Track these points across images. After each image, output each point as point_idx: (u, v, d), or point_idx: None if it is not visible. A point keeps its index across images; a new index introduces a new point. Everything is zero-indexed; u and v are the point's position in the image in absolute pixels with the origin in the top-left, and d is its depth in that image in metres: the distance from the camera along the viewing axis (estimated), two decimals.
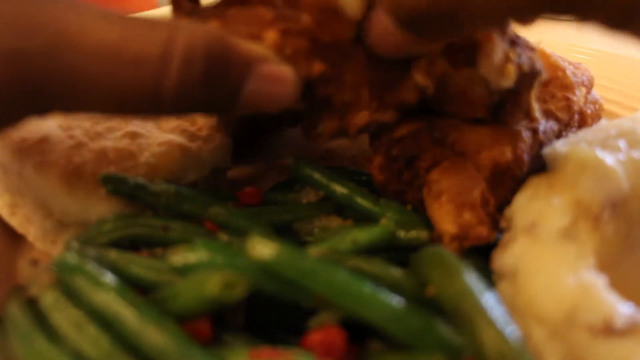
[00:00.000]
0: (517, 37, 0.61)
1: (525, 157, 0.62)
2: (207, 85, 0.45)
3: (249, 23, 0.53)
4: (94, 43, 0.41)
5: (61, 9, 0.42)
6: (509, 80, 0.56)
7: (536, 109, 0.65)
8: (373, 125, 0.60)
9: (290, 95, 0.50)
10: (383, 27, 0.50)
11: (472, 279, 0.47)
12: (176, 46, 0.43)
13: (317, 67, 0.54)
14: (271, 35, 0.52)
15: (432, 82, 0.58)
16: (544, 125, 0.67)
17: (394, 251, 0.58)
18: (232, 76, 0.46)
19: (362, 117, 0.59)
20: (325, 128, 0.59)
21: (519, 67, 0.58)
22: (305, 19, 0.53)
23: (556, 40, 1.07)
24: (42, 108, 0.43)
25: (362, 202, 0.61)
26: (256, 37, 0.52)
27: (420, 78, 0.57)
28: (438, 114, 0.63)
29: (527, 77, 0.59)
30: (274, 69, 0.49)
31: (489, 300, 0.46)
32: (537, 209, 0.55)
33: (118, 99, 0.43)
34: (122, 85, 0.42)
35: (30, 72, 0.40)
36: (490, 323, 0.44)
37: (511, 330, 0.44)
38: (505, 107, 0.61)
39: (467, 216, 0.57)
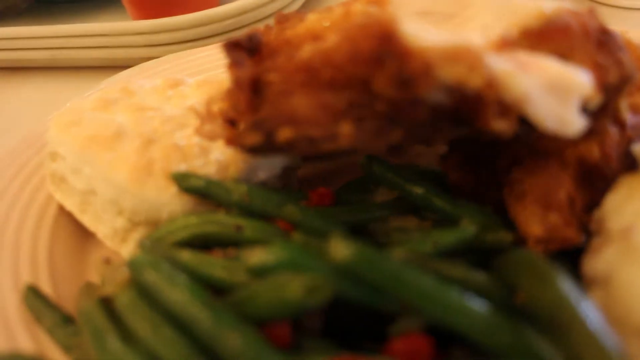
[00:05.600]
0: (605, 33, 0.57)
1: (614, 154, 0.58)
2: None
3: (321, 118, 0.49)
4: None
5: None
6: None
7: (624, 109, 0.61)
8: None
9: None
10: None
11: (567, 285, 0.44)
12: None
13: (396, 135, 0.51)
14: (346, 128, 0.49)
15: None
16: (632, 119, 0.62)
17: (475, 254, 0.55)
18: None
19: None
20: (407, 148, 0.58)
21: (604, 79, 0.54)
22: (381, 107, 0.49)
23: None
24: None
25: (440, 203, 0.58)
26: (332, 136, 0.49)
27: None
28: None
29: (616, 86, 0.55)
30: None
31: (587, 310, 0.43)
32: (633, 211, 0.51)
33: None
34: None
35: None
36: (590, 335, 0.41)
37: (613, 342, 0.41)
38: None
39: (553, 218, 0.54)
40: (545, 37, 0.54)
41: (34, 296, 0.61)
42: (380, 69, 0.47)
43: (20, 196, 0.76)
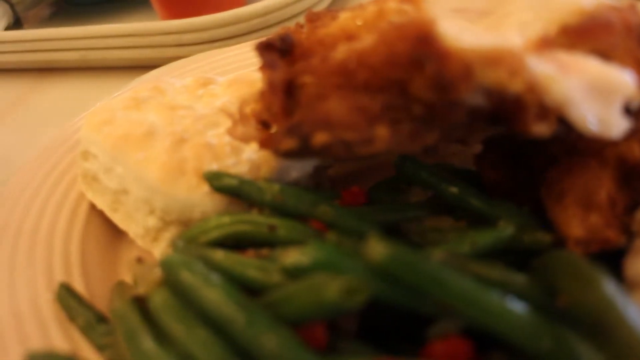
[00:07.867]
0: None
1: None
2: None
3: (357, 122, 0.48)
4: None
5: None
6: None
7: None
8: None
9: None
10: None
11: (612, 288, 0.43)
12: None
13: (432, 137, 0.50)
14: (382, 132, 0.48)
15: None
16: None
17: (512, 255, 0.54)
18: None
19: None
20: (441, 148, 0.57)
21: None
22: (418, 110, 0.48)
23: None
24: None
25: (477, 202, 0.57)
26: (368, 140, 0.48)
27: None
28: None
29: None
30: None
31: (633, 313, 0.41)
32: None
33: None
34: None
35: None
36: (637, 339, 0.40)
37: None
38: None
39: (594, 218, 0.52)
40: (585, 34, 0.53)
41: (67, 295, 0.62)
42: (419, 72, 0.46)
43: (52, 195, 0.77)
